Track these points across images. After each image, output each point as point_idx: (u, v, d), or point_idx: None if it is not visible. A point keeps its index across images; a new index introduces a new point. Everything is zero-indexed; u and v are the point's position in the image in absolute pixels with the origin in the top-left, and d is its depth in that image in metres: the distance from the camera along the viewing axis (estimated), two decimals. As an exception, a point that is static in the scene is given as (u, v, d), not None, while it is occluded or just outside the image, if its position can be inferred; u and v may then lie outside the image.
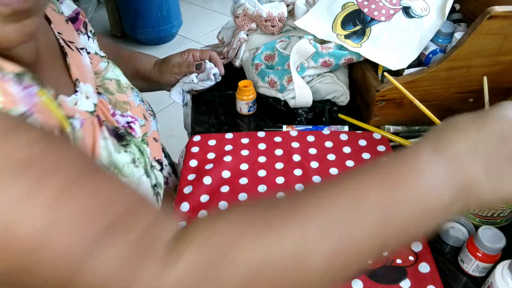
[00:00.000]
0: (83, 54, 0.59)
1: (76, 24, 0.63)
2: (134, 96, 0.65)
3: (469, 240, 0.53)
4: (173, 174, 0.74)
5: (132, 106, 0.63)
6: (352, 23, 0.80)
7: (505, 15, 0.62)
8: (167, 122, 2.03)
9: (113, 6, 2.55)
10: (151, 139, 0.64)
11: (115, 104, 0.60)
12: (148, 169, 0.59)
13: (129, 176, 0.54)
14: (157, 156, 0.64)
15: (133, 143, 0.58)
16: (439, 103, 0.74)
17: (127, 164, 0.55)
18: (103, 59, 0.65)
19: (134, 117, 0.62)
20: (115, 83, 0.63)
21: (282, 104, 0.81)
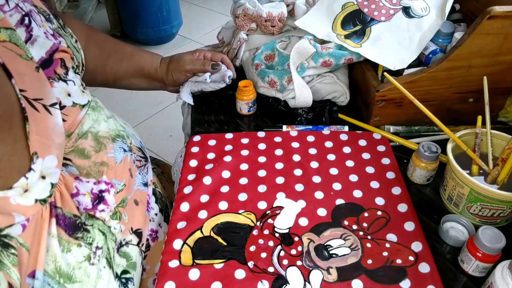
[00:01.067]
0: (54, 112, 0.50)
1: (50, 69, 0.52)
2: (115, 149, 0.57)
3: (469, 240, 0.53)
4: (165, 222, 0.68)
5: (110, 167, 0.55)
6: (352, 23, 0.80)
7: (505, 15, 0.62)
8: (167, 122, 2.03)
9: (113, 6, 2.55)
10: (131, 204, 0.58)
11: (87, 173, 0.52)
12: (112, 257, 0.53)
13: (82, 280, 0.48)
14: (136, 226, 0.58)
15: (96, 228, 0.51)
16: (439, 103, 0.74)
17: (78, 264, 0.48)
18: (84, 108, 0.55)
19: (110, 182, 0.55)
20: (91, 139, 0.55)
21: (282, 104, 0.81)
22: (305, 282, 0.53)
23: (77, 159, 0.52)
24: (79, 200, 0.51)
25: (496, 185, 0.60)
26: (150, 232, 0.63)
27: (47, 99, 0.50)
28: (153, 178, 0.69)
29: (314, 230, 0.59)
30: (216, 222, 0.60)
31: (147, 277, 0.61)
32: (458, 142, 0.62)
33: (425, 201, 0.65)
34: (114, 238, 0.53)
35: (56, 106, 0.51)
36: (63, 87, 0.54)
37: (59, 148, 0.49)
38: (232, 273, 0.54)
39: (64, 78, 0.55)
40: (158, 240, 0.64)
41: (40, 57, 0.52)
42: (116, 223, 0.54)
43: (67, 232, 0.48)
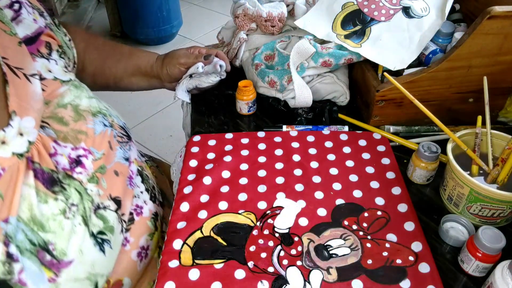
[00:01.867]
0: (34, 81, 0.54)
1: (34, 46, 0.57)
2: (95, 122, 0.60)
3: (469, 240, 0.53)
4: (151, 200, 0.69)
5: (89, 136, 0.58)
6: (352, 23, 0.80)
7: (505, 15, 0.62)
8: (167, 122, 2.03)
9: (113, 6, 2.55)
10: (110, 173, 0.60)
11: (64, 137, 0.55)
12: (88, 216, 0.54)
13: (55, 231, 0.50)
14: (115, 193, 0.60)
15: (73, 187, 0.53)
16: (439, 103, 0.74)
17: (53, 216, 0.50)
18: (64, 84, 0.59)
19: (87, 149, 0.57)
20: (71, 110, 0.58)
21: (282, 104, 0.81)
22: (305, 282, 0.53)
23: (55, 124, 0.55)
24: (57, 160, 0.53)
25: (496, 185, 0.60)
26: (135, 207, 0.64)
27: (28, 70, 0.54)
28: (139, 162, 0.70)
29: (314, 230, 0.59)
30: (216, 222, 0.60)
31: (131, 249, 0.62)
32: (458, 142, 0.62)
33: (425, 201, 0.65)
34: (90, 199, 0.55)
35: (36, 77, 0.55)
36: (44, 64, 0.58)
37: (37, 112, 0.53)
38: (232, 273, 0.54)
39: (47, 57, 0.59)
40: (143, 215, 0.65)
41: (25, 34, 0.56)
42: (93, 186, 0.56)
43: (45, 185, 0.51)
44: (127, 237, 0.61)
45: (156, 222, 0.68)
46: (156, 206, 0.70)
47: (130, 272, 0.62)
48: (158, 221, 0.68)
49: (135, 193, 0.65)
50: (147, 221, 0.66)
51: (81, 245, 0.52)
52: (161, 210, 0.72)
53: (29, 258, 0.47)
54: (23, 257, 0.47)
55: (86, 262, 0.53)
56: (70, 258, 0.51)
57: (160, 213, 0.71)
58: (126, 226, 0.61)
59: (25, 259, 0.47)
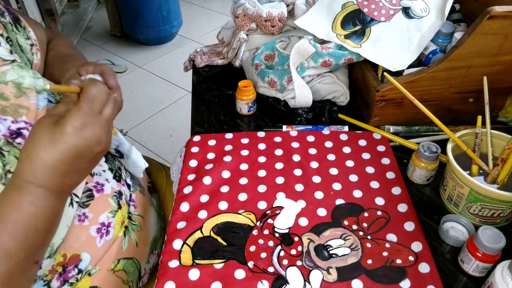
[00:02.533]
0: None
1: None
2: (39, 98, 0.59)
3: (469, 240, 0.53)
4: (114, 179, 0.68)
5: (30, 110, 0.57)
6: (352, 23, 0.80)
7: (505, 15, 0.62)
8: (167, 122, 2.03)
9: (113, 6, 2.55)
10: None
11: (3, 109, 0.55)
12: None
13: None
14: None
15: (12, 155, 0.54)
16: (439, 103, 0.74)
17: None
18: (7, 64, 0.59)
19: (29, 122, 0.57)
20: (13, 86, 0.58)
21: (282, 104, 0.81)
22: (305, 282, 0.53)
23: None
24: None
25: (496, 185, 0.60)
26: (95, 184, 0.64)
27: None
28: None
29: (314, 230, 0.59)
30: (216, 222, 0.60)
31: (89, 225, 0.61)
32: (458, 142, 0.62)
33: (425, 201, 0.65)
34: None
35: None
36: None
37: None
38: (232, 273, 0.54)
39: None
40: (103, 192, 0.65)
41: None
42: None
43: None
44: (85, 213, 0.61)
45: (119, 201, 0.67)
46: (120, 185, 0.69)
47: (89, 247, 0.61)
48: (122, 200, 0.68)
49: (96, 171, 0.65)
50: (108, 198, 0.65)
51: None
52: (128, 191, 0.71)
53: None
54: None
55: None
56: None
57: (127, 194, 0.70)
58: (79, 201, 0.61)
59: None
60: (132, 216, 0.69)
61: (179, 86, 2.28)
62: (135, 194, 0.72)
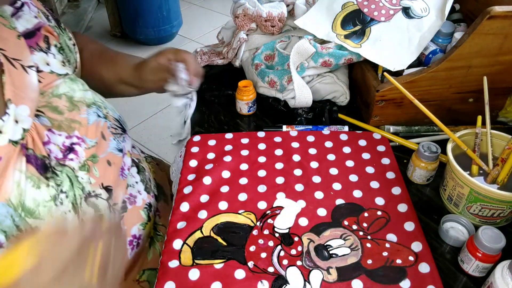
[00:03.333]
0: (30, 72, 0.55)
1: (32, 40, 0.59)
2: (89, 113, 0.61)
3: (469, 240, 0.53)
4: (145, 191, 0.69)
5: (82, 125, 0.59)
6: (352, 23, 0.80)
7: (505, 15, 0.62)
8: (167, 122, 2.03)
9: (113, 6, 2.54)
10: (103, 162, 0.60)
11: (59, 125, 0.56)
12: (78, 203, 0.55)
13: (43, 217, 0.50)
14: (107, 182, 0.60)
15: (64, 173, 0.54)
16: (439, 103, 0.74)
17: (44, 202, 0.50)
18: (61, 77, 0.60)
19: (81, 137, 0.58)
20: (66, 100, 0.59)
21: (282, 104, 0.81)
22: (305, 282, 0.53)
23: (50, 113, 0.57)
24: (51, 148, 0.54)
25: (496, 185, 0.60)
26: (129, 196, 0.65)
27: (25, 61, 0.56)
28: (135, 154, 0.71)
29: (314, 230, 0.59)
30: (216, 222, 0.60)
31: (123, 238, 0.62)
32: (458, 142, 0.62)
33: (425, 201, 0.65)
34: (81, 186, 0.56)
35: (33, 68, 0.56)
36: (43, 57, 0.59)
37: (32, 101, 0.54)
38: (232, 273, 0.54)
39: (45, 51, 0.60)
40: (136, 204, 0.66)
41: (25, 28, 0.58)
42: (84, 173, 0.57)
43: (38, 170, 0.51)
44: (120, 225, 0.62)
45: (149, 213, 0.68)
46: (150, 197, 0.70)
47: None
48: (151, 212, 0.69)
49: (129, 182, 0.66)
50: (140, 211, 0.66)
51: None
52: (155, 202, 0.72)
53: None
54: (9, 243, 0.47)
55: None
56: None
57: (154, 205, 0.71)
58: (119, 214, 0.62)
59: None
60: (157, 226, 0.70)
61: (179, 86, 2.27)
62: (160, 204, 0.73)
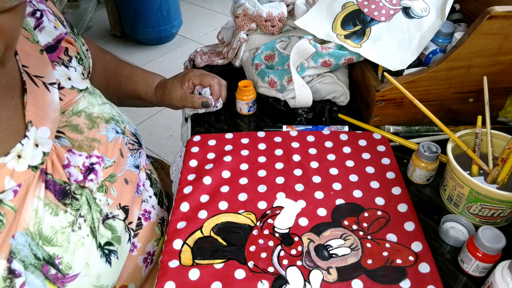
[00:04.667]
0: (52, 90, 0.54)
1: (55, 54, 0.58)
2: (108, 129, 0.60)
3: (469, 240, 0.53)
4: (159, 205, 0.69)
5: (101, 143, 0.58)
6: (352, 23, 0.80)
7: (505, 15, 0.62)
8: (167, 122, 2.03)
9: (113, 6, 2.55)
10: (120, 181, 0.59)
11: (79, 146, 0.55)
12: (96, 227, 0.54)
13: (62, 245, 0.49)
14: (124, 202, 0.59)
15: (84, 196, 0.53)
16: (439, 103, 0.74)
17: (62, 229, 0.49)
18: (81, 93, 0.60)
19: (101, 156, 0.57)
20: (85, 117, 0.58)
21: (282, 104, 0.81)
22: (305, 282, 0.53)
23: (70, 133, 0.55)
24: (70, 171, 0.53)
25: (496, 185, 0.60)
26: (143, 212, 0.63)
27: (47, 78, 0.54)
28: (148, 165, 0.70)
29: (314, 230, 0.59)
30: (216, 222, 0.60)
31: (138, 255, 0.61)
32: (458, 142, 0.62)
33: (425, 201, 0.65)
34: (99, 209, 0.55)
35: (55, 85, 0.55)
36: (64, 71, 0.58)
37: (53, 122, 0.52)
38: (232, 273, 0.54)
39: (66, 64, 0.59)
40: (151, 220, 0.65)
41: (47, 42, 0.57)
42: (101, 195, 0.56)
43: (57, 197, 0.50)
44: (134, 242, 0.61)
45: (162, 227, 0.67)
46: (163, 211, 0.69)
47: (135, 277, 0.61)
48: (164, 226, 0.68)
49: (143, 198, 0.65)
50: (154, 226, 0.65)
51: (88, 257, 0.51)
52: (167, 215, 0.71)
53: (33, 272, 0.46)
54: (27, 272, 0.45)
55: (92, 275, 0.51)
56: (76, 271, 0.50)
57: (166, 218, 0.70)
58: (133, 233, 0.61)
59: (29, 274, 0.46)
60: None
61: (179, 86, 2.27)
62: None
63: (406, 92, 0.65)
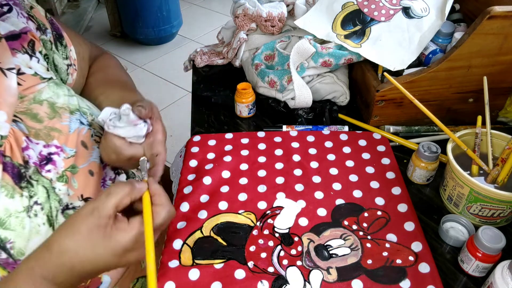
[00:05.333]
0: (9, 75, 0.53)
1: (18, 42, 0.56)
2: (71, 120, 0.58)
3: (469, 240, 0.53)
4: None
5: (62, 133, 0.56)
6: (352, 23, 0.80)
7: (505, 15, 0.62)
8: (167, 122, 2.02)
9: (113, 6, 2.55)
10: (83, 172, 0.58)
11: (36, 133, 0.54)
12: (53, 216, 0.52)
13: (15, 229, 0.48)
14: (87, 193, 0.57)
15: (40, 184, 0.52)
16: (439, 103, 0.74)
17: (16, 213, 0.48)
18: (45, 81, 0.58)
19: (60, 146, 0.56)
20: (47, 106, 0.56)
21: (282, 105, 0.81)
22: (305, 282, 0.53)
23: (29, 121, 0.54)
24: (29, 154, 0.52)
25: (496, 185, 0.60)
26: None
27: (4, 64, 0.53)
28: None
29: (314, 230, 0.59)
30: (216, 222, 0.60)
31: None
32: (458, 142, 0.62)
33: (425, 201, 0.65)
34: (58, 198, 0.54)
35: (13, 71, 0.53)
36: (25, 60, 0.56)
37: (9, 106, 0.51)
38: (232, 273, 0.54)
39: (30, 54, 0.57)
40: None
41: (8, 31, 0.55)
42: (61, 185, 0.55)
43: (14, 180, 0.50)
44: None
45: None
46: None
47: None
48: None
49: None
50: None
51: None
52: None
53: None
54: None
55: None
56: None
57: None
58: None
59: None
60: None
61: (179, 86, 2.28)
62: None
63: (406, 92, 0.65)
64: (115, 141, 0.55)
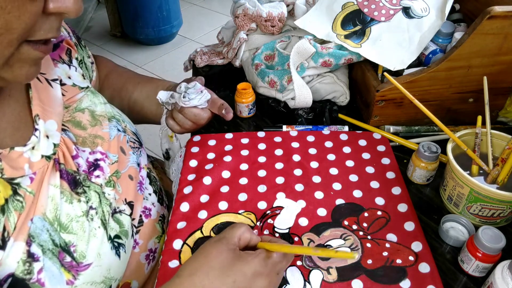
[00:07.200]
0: (55, 86, 0.57)
1: (56, 52, 0.60)
2: (110, 127, 0.62)
3: (469, 240, 0.53)
4: (159, 202, 0.69)
5: (105, 140, 0.60)
6: (352, 23, 0.80)
7: (505, 15, 0.62)
8: (167, 122, 2.03)
9: (113, 6, 2.55)
10: (125, 177, 0.61)
11: (83, 141, 0.57)
12: (106, 219, 0.55)
13: (77, 233, 0.50)
14: (129, 198, 0.60)
15: (92, 190, 0.55)
16: (439, 103, 0.74)
17: (76, 218, 0.51)
18: (83, 91, 0.62)
19: (104, 153, 0.59)
20: (88, 114, 0.60)
21: (282, 105, 0.81)
22: (305, 282, 0.53)
23: (74, 129, 0.58)
24: (79, 162, 0.55)
25: (496, 185, 0.60)
26: (144, 209, 0.64)
27: (50, 75, 0.57)
28: (148, 164, 0.71)
29: (314, 230, 0.59)
30: (216, 222, 0.60)
31: (140, 252, 0.62)
32: (458, 142, 0.62)
33: (425, 201, 0.65)
34: (108, 203, 0.56)
35: (57, 82, 0.57)
36: (65, 70, 0.61)
37: (58, 116, 0.55)
38: (232, 273, 0.54)
39: (68, 63, 0.62)
40: (151, 217, 0.66)
41: None
42: (110, 190, 0.57)
43: (70, 186, 0.52)
44: (136, 239, 0.61)
45: (163, 225, 0.67)
46: (163, 208, 0.70)
47: (138, 274, 0.61)
48: (165, 224, 0.68)
49: (145, 196, 0.65)
50: (155, 223, 0.66)
51: (100, 248, 0.53)
52: (167, 213, 0.71)
53: (50, 258, 0.47)
54: (45, 257, 0.47)
55: (103, 266, 0.53)
56: (89, 261, 0.51)
57: (167, 216, 0.70)
58: (135, 230, 0.61)
59: (46, 259, 0.47)
60: None
61: (179, 86, 2.27)
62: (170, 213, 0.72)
63: (406, 92, 0.65)
64: (193, 111, 0.68)
